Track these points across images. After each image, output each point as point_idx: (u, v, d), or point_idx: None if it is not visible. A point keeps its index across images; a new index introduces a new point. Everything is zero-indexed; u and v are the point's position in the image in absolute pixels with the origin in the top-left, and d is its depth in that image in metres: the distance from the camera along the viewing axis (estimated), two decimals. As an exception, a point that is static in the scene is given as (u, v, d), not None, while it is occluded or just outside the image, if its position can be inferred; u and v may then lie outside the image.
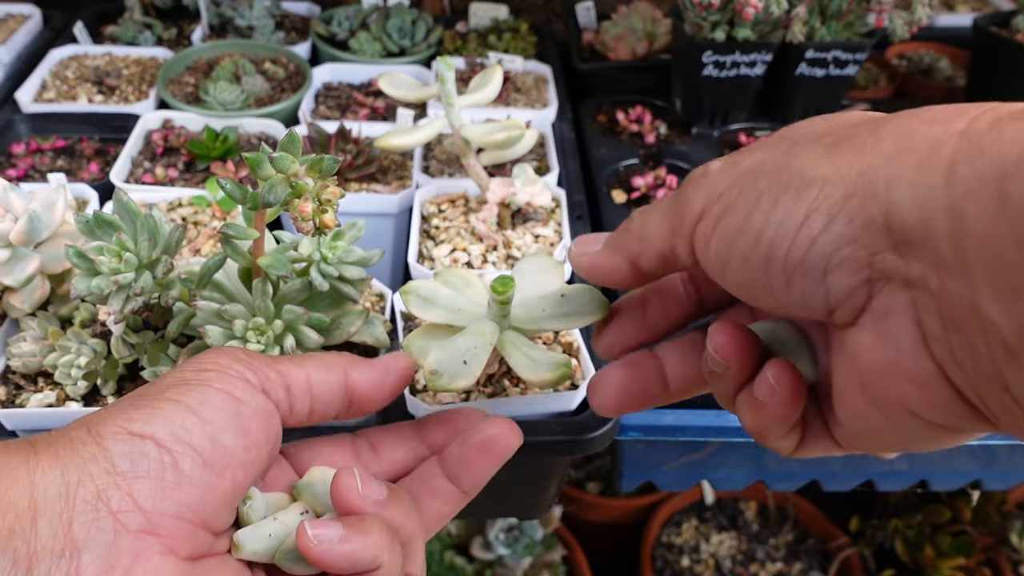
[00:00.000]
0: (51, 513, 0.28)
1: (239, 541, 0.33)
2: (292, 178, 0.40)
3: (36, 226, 0.54)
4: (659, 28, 1.04)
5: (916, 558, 1.23)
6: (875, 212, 0.24)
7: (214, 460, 0.31)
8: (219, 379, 0.33)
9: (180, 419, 0.31)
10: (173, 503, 0.30)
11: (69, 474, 0.29)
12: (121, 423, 0.30)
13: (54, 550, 0.27)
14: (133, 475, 0.29)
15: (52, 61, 0.98)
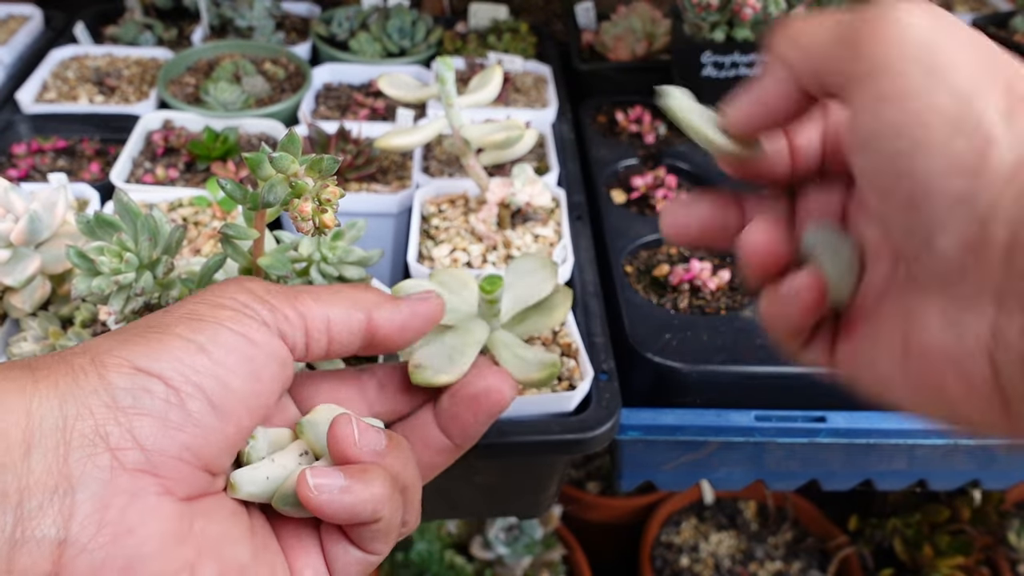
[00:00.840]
0: (46, 446, 0.26)
1: (236, 482, 0.32)
2: (292, 178, 0.40)
3: (37, 226, 0.55)
4: (658, 28, 1.04)
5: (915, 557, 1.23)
6: None
7: (222, 404, 0.30)
8: (235, 319, 0.32)
9: (190, 358, 0.30)
10: (174, 444, 0.29)
11: (67, 406, 0.27)
12: (126, 355, 0.29)
13: (47, 485, 0.26)
14: (135, 411, 0.28)
15: (53, 62, 0.98)
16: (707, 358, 0.66)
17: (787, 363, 0.67)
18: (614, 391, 0.59)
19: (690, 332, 0.69)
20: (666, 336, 0.68)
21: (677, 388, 0.68)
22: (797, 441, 0.69)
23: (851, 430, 0.68)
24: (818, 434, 0.68)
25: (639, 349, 0.66)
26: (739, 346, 0.68)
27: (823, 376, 0.33)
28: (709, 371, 0.66)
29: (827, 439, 0.69)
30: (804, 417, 0.68)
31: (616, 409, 0.58)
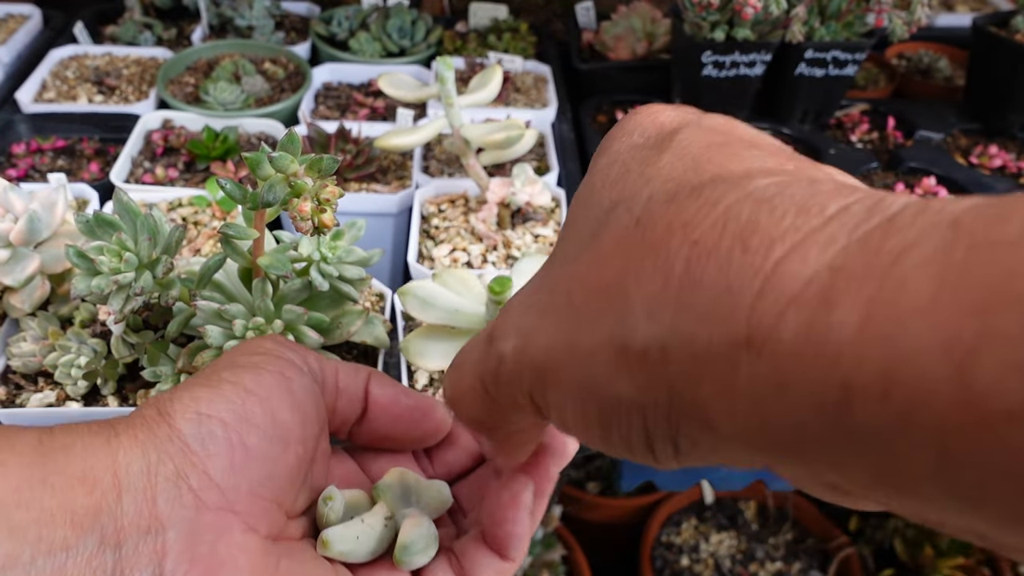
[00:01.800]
0: (135, 490, 0.28)
1: (328, 539, 0.34)
2: (291, 178, 0.40)
3: (36, 226, 0.54)
4: (659, 28, 1.04)
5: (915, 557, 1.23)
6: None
7: (276, 435, 0.32)
8: (268, 362, 0.34)
9: (240, 399, 0.32)
10: (245, 479, 0.31)
11: (149, 453, 0.29)
12: (188, 403, 0.31)
13: (140, 527, 0.28)
14: (206, 454, 0.30)
15: (52, 61, 0.98)
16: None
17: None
18: (614, 391, 0.59)
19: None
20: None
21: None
22: (797, 441, 0.69)
23: (851, 430, 0.68)
24: (818, 434, 0.68)
25: (639, 349, 0.66)
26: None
27: None
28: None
29: (827, 439, 0.69)
30: (804, 417, 0.68)
31: (616, 409, 0.57)
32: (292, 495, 0.33)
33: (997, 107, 0.98)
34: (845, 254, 0.16)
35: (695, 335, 0.17)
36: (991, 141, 0.99)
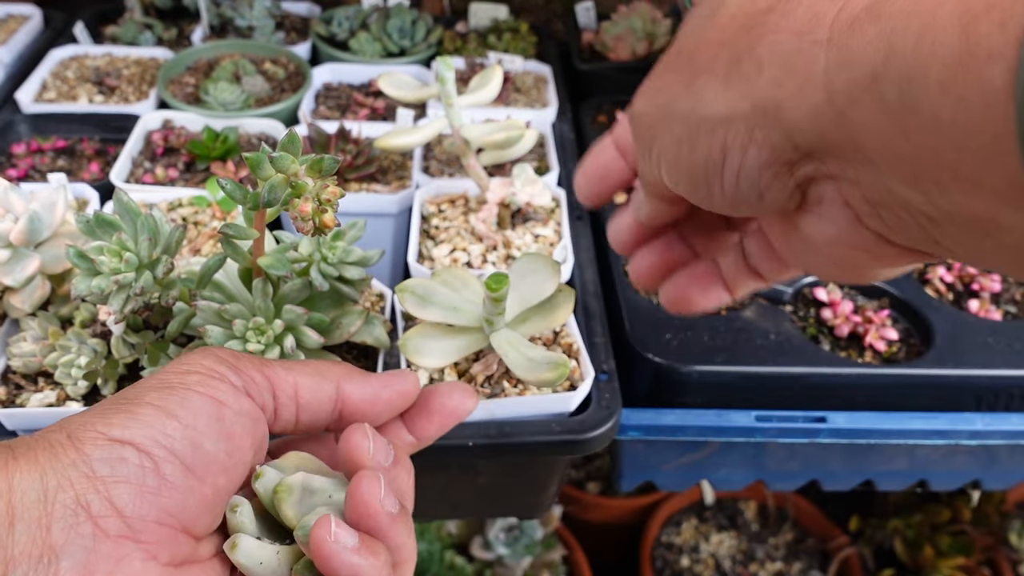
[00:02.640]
0: (29, 518, 0.27)
1: (240, 544, 0.33)
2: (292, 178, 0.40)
3: (37, 226, 0.54)
4: (659, 28, 1.04)
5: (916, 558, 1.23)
6: (778, 136, 0.26)
7: (196, 465, 0.31)
8: (201, 383, 0.33)
9: (160, 424, 0.31)
10: (153, 508, 0.29)
11: (48, 479, 0.28)
12: (101, 428, 0.30)
13: (31, 555, 0.27)
14: (113, 480, 0.29)
15: (52, 61, 0.98)
16: (707, 358, 0.66)
17: (787, 363, 0.67)
18: (614, 391, 0.59)
19: (690, 332, 0.69)
20: (666, 336, 0.68)
21: (677, 388, 0.68)
22: (797, 441, 0.69)
23: (851, 430, 0.68)
24: (818, 434, 0.68)
25: (639, 349, 0.66)
26: (739, 346, 0.68)
27: (824, 376, 0.34)
28: (709, 371, 0.66)
29: (827, 439, 0.69)
30: (804, 417, 0.68)
31: (616, 409, 0.58)
32: (206, 522, 0.32)
33: (997, 107, 0.98)
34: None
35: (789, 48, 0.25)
36: (991, 141, 0.99)
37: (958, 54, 0.20)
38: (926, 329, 0.72)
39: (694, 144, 0.29)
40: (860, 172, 0.25)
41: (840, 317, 0.72)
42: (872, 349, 0.70)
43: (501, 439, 0.55)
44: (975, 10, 0.20)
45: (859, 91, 0.23)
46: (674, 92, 0.30)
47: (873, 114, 0.23)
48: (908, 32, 0.21)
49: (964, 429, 0.68)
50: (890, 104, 0.22)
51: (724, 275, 0.40)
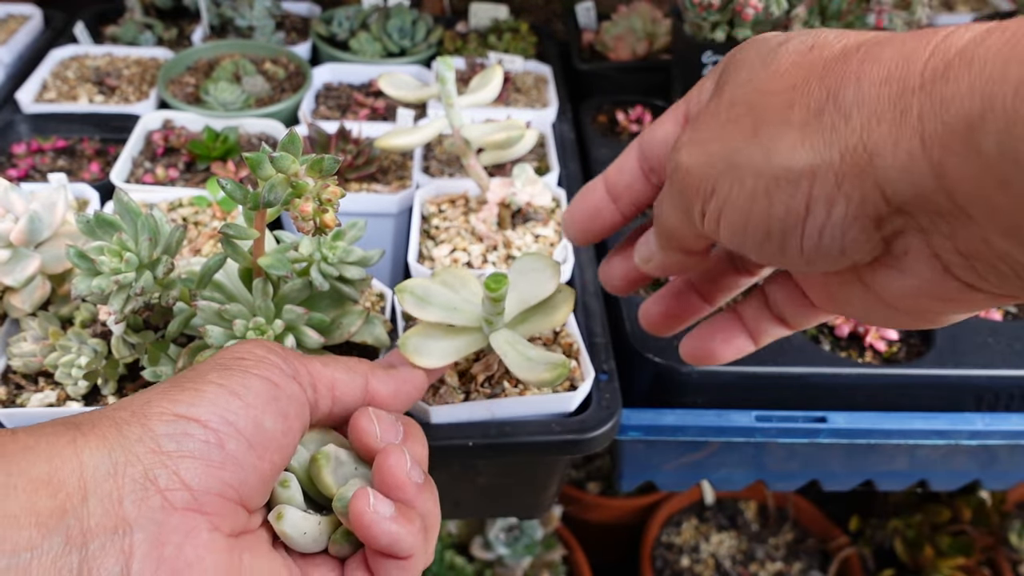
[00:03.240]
0: (101, 492, 0.28)
1: (286, 514, 0.35)
2: (292, 178, 0.40)
3: (37, 226, 0.54)
4: (659, 28, 1.04)
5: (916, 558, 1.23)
6: (869, 188, 0.25)
7: (256, 442, 0.32)
8: (257, 366, 0.35)
9: (224, 401, 0.32)
10: (217, 481, 0.31)
11: (116, 454, 0.29)
12: (166, 405, 0.31)
13: (106, 527, 0.28)
14: (179, 454, 0.30)
15: (53, 61, 0.98)
16: (708, 358, 0.66)
17: (787, 363, 0.67)
18: (614, 391, 0.59)
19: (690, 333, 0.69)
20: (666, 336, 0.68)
21: (677, 388, 0.68)
22: (798, 441, 0.69)
23: (851, 430, 0.68)
24: (818, 434, 0.68)
25: (639, 349, 0.66)
26: (740, 346, 0.68)
27: (824, 376, 0.34)
28: (709, 371, 0.66)
29: (828, 439, 0.69)
30: (804, 417, 0.68)
31: (616, 409, 0.57)
32: (261, 496, 0.34)
33: (997, 107, 0.98)
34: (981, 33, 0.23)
35: (879, 95, 0.25)
36: (991, 141, 0.99)
37: None
38: (926, 329, 0.72)
39: (772, 197, 0.27)
40: (955, 225, 0.24)
41: (840, 317, 0.72)
42: (872, 349, 0.70)
43: (501, 439, 0.55)
44: None
45: (955, 141, 0.22)
46: (735, 143, 0.29)
47: (970, 165, 0.22)
48: (1006, 81, 0.21)
49: (964, 429, 0.68)
50: (988, 155, 0.21)
51: (747, 324, 0.39)
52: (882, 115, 0.24)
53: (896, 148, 0.24)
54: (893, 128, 0.24)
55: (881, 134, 0.24)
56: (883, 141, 0.24)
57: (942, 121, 0.23)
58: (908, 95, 0.24)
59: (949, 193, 0.23)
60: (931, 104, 0.23)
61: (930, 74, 0.23)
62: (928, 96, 0.23)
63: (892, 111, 0.24)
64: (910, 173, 0.24)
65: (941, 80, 0.23)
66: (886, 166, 0.24)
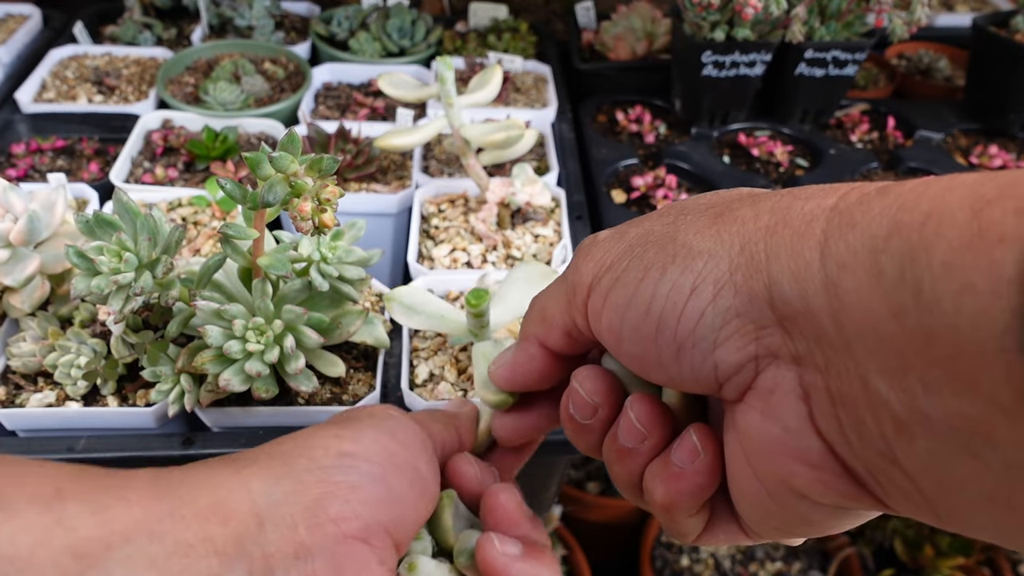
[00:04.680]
0: (276, 518, 0.28)
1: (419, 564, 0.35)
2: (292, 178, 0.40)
3: (36, 226, 0.54)
4: (659, 28, 1.04)
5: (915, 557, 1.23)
6: (758, 286, 0.24)
7: (415, 483, 0.33)
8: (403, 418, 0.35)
9: (385, 441, 0.33)
10: (384, 515, 0.31)
11: (285, 482, 0.29)
12: (330, 442, 0.32)
13: (287, 553, 0.28)
14: (348, 486, 0.30)
15: (52, 61, 0.98)
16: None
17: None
18: (614, 391, 0.59)
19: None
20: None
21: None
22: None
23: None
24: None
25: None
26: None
27: None
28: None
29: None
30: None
31: (616, 409, 0.57)
32: (409, 539, 0.33)
33: (997, 107, 0.98)
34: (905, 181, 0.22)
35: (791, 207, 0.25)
36: (991, 141, 0.99)
37: (968, 237, 0.18)
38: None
39: (664, 270, 0.26)
40: (833, 357, 0.22)
41: None
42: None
43: (501, 439, 0.55)
44: (988, 196, 0.19)
45: (855, 259, 0.21)
46: (652, 225, 0.29)
47: (865, 287, 0.21)
48: (916, 210, 0.20)
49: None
50: (887, 279, 0.20)
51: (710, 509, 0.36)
52: (789, 222, 0.24)
53: (794, 255, 0.23)
54: (796, 237, 0.23)
55: (783, 239, 0.24)
56: (784, 246, 0.24)
57: (845, 240, 0.22)
58: (819, 211, 0.23)
59: (836, 316, 0.22)
60: (839, 221, 0.22)
61: (846, 200, 0.23)
62: (839, 214, 0.23)
63: (800, 221, 0.24)
64: (802, 284, 0.23)
65: (855, 204, 0.23)
66: (780, 269, 0.23)
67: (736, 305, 0.25)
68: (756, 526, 0.29)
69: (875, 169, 0.93)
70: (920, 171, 0.92)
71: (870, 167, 0.93)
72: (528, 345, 0.34)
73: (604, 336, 0.29)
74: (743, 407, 0.26)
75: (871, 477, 0.23)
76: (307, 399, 0.55)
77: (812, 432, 0.24)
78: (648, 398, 0.30)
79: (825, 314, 0.22)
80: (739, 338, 0.25)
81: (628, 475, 0.31)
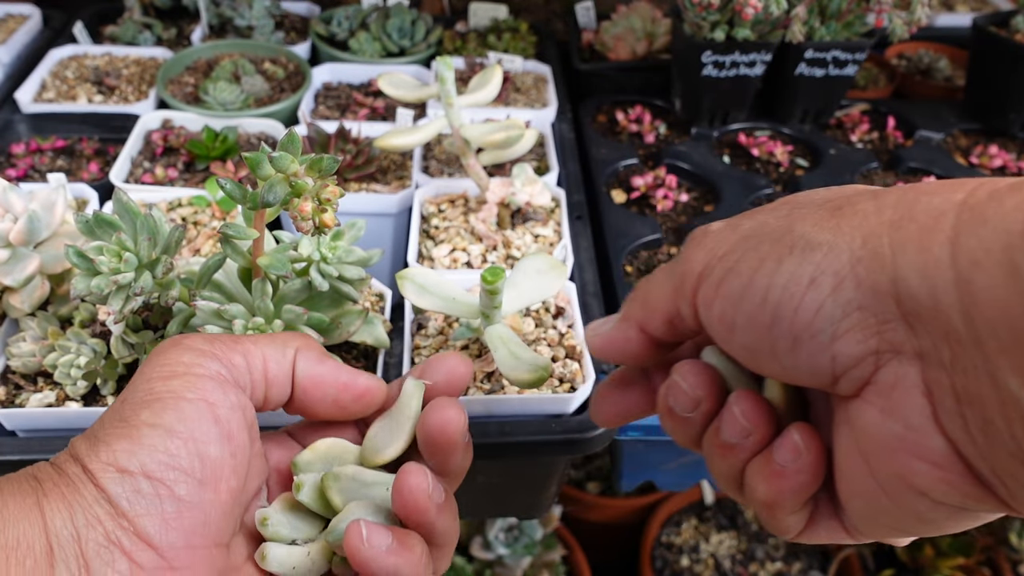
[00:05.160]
0: (67, 556, 0.28)
1: (266, 554, 0.34)
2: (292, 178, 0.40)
3: (36, 226, 0.54)
4: (659, 28, 1.04)
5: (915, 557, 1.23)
6: (883, 280, 0.23)
7: (207, 476, 0.31)
8: (188, 386, 0.32)
9: (163, 444, 0.30)
10: (180, 533, 0.30)
11: (77, 516, 0.29)
12: (109, 459, 0.30)
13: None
14: (134, 514, 0.29)
15: (52, 61, 0.98)
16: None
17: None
18: (614, 391, 0.59)
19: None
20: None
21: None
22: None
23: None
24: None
25: (639, 349, 0.66)
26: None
27: None
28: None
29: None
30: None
31: (616, 409, 0.57)
32: (230, 526, 0.32)
33: (997, 107, 0.98)
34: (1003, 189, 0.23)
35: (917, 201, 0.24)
36: (991, 141, 0.99)
37: None
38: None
39: (781, 261, 0.26)
40: (960, 354, 0.22)
41: None
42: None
43: (501, 439, 0.55)
44: None
45: (988, 256, 0.21)
46: (767, 218, 0.28)
47: (1000, 284, 0.20)
48: None
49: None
50: (1023, 277, 0.20)
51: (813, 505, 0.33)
52: (915, 217, 0.23)
53: (921, 250, 0.23)
54: (923, 232, 0.23)
55: (909, 233, 0.23)
56: (910, 240, 0.23)
57: (978, 236, 0.21)
58: (948, 207, 0.23)
59: (967, 313, 0.21)
60: (970, 217, 0.22)
61: (976, 195, 0.23)
62: (969, 210, 0.22)
63: (926, 216, 0.23)
64: (931, 280, 0.22)
65: (985, 200, 0.22)
66: (907, 265, 0.23)
67: (858, 298, 0.24)
68: (864, 525, 0.28)
69: (875, 169, 0.93)
70: (920, 171, 0.92)
71: (870, 167, 0.93)
72: (627, 326, 0.33)
73: (714, 326, 0.29)
74: (860, 403, 0.25)
75: (997, 479, 0.22)
76: (307, 399, 0.55)
77: (936, 430, 0.23)
78: (753, 394, 0.30)
79: (955, 311, 0.22)
80: (860, 331, 0.24)
81: (729, 470, 0.30)
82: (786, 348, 0.26)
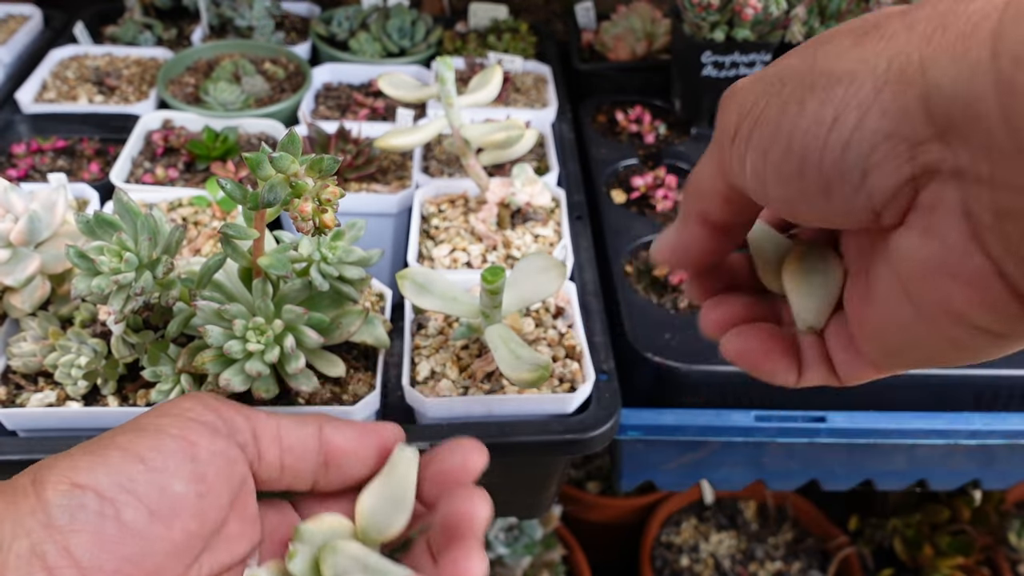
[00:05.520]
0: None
1: None
2: (292, 178, 0.40)
3: (37, 226, 0.55)
4: (658, 28, 1.04)
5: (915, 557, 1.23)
6: (911, 99, 0.22)
7: (161, 509, 0.30)
8: (175, 424, 0.32)
9: (125, 467, 0.30)
10: (113, 557, 0.29)
11: (4, 527, 0.28)
12: (66, 473, 0.30)
13: None
14: (70, 529, 0.28)
15: (52, 61, 0.98)
16: (707, 358, 0.66)
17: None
18: (614, 391, 0.59)
19: (690, 332, 0.69)
20: (666, 336, 0.68)
21: (677, 388, 0.68)
22: (797, 441, 0.69)
23: (851, 430, 0.68)
24: (818, 434, 0.68)
25: (639, 349, 0.66)
26: (739, 346, 0.68)
27: None
28: (709, 371, 0.66)
29: (827, 439, 0.69)
30: (804, 417, 0.68)
31: (616, 409, 0.58)
32: (176, 569, 0.31)
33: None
34: None
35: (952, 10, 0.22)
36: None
37: None
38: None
39: (803, 103, 0.24)
40: (1002, 166, 0.20)
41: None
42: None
43: (501, 439, 0.55)
44: None
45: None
46: (791, 60, 0.26)
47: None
48: None
49: (963, 429, 0.68)
50: None
51: (800, 354, 0.33)
52: (950, 26, 0.21)
53: (956, 58, 0.21)
54: (960, 39, 0.21)
55: (943, 44, 0.21)
56: (944, 50, 0.21)
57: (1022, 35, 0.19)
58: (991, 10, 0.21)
59: (1009, 119, 0.19)
60: (1015, 12, 0.20)
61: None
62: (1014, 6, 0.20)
63: (965, 23, 0.21)
64: (968, 86, 0.20)
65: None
66: (940, 74, 0.21)
67: (885, 126, 0.22)
68: (893, 357, 0.27)
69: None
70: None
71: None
72: (689, 223, 0.31)
73: (750, 184, 0.27)
74: (902, 230, 0.24)
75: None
76: (307, 399, 0.55)
77: (976, 250, 0.22)
78: None
79: (995, 116, 0.20)
80: (892, 160, 0.23)
81: None
82: (818, 194, 0.25)
